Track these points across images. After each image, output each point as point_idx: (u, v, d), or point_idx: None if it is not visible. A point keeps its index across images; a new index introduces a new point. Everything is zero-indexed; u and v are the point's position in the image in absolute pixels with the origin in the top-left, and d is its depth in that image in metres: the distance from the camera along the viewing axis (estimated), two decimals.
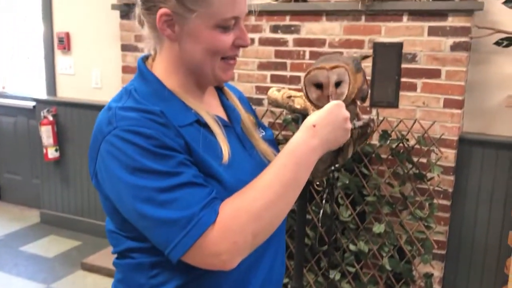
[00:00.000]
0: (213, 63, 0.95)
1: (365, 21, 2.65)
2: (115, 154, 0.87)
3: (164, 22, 0.93)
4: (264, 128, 1.16)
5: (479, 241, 2.71)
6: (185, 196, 0.85)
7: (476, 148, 2.64)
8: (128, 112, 0.90)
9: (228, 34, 0.94)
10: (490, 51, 2.56)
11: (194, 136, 0.92)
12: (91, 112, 3.71)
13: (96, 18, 3.64)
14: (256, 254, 0.95)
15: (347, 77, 1.01)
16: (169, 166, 0.86)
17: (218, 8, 0.91)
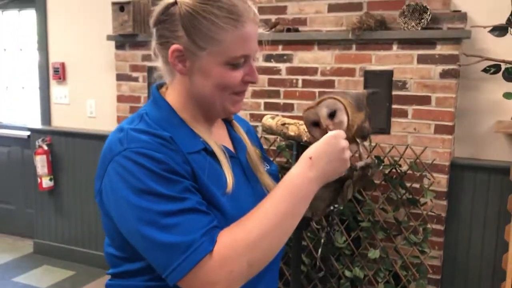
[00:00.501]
0: (222, 97, 0.99)
1: (356, 50, 2.72)
2: (123, 175, 0.90)
3: (176, 58, 0.96)
4: (269, 162, 1.19)
5: (474, 265, 2.73)
6: (188, 221, 0.88)
7: (467, 173, 2.68)
8: (139, 134, 0.93)
9: (238, 71, 0.97)
10: (478, 78, 2.63)
11: (201, 164, 0.95)
12: (86, 141, 3.73)
13: (91, 48, 3.70)
14: (252, 282, 0.96)
15: (340, 105, 1.02)
16: (175, 191, 0.88)
17: (229, 46, 0.94)
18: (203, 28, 0.94)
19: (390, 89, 2.67)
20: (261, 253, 0.90)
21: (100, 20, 3.56)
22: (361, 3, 2.74)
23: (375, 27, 2.63)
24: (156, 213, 0.87)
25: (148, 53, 3.39)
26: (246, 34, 0.95)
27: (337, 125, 1.01)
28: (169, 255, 0.87)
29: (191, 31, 0.94)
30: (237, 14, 0.94)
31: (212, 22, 0.93)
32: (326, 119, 1.01)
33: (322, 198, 1.07)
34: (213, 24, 0.93)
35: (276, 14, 2.93)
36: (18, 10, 4.17)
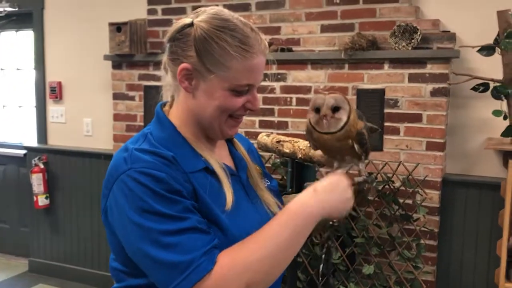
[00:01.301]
0: (221, 119, 1.03)
1: (348, 69, 2.78)
2: (127, 194, 0.94)
3: (184, 76, 1.01)
4: (269, 178, 1.23)
5: (467, 280, 2.76)
6: (188, 241, 0.91)
7: (459, 189, 2.73)
8: (143, 154, 0.96)
9: (241, 97, 1.02)
10: (468, 96, 2.69)
11: (202, 183, 0.99)
12: (82, 159, 3.76)
13: (88, 68, 3.74)
14: None
15: (347, 106, 1.05)
16: (176, 210, 0.92)
17: (235, 74, 0.99)
18: (214, 53, 0.98)
19: (382, 107, 2.73)
20: (260, 276, 0.93)
21: (97, 40, 3.62)
22: (353, 23, 2.80)
23: (367, 47, 2.69)
24: (157, 232, 0.90)
25: (145, 73, 3.46)
26: (254, 65, 1.00)
27: (334, 120, 1.05)
28: (170, 273, 0.90)
29: (202, 53, 0.98)
30: (248, 45, 0.99)
31: (223, 49, 0.98)
32: (327, 109, 1.05)
33: None
34: (224, 50, 0.98)
35: (271, 35, 2.99)
36: (16, 30, 4.22)
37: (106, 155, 3.64)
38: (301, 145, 1.82)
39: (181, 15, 3.21)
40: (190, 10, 3.21)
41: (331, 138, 1.06)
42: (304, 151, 1.78)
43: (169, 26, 3.40)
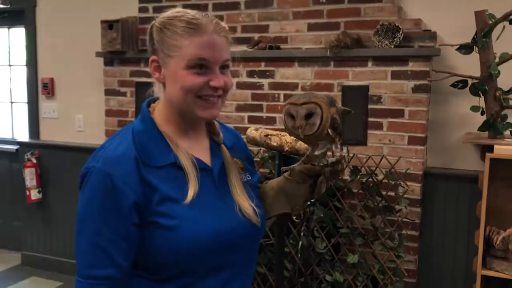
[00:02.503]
0: (188, 100, 1.09)
1: (334, 67, 2.89)
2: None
3: (154, 68, 1.13)
4: (252, 173, 1.27)
5: (447, 268, 2.88)
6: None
7: (439, 182, 2.85)
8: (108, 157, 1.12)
9: (201, 76, 1.08)
10: (448, 93, 2.80)
11: (167, 176, 1.08)
12: (74, 154, 3.83)
13: (80, 64, 3.82)
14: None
15: (318, 110, 1.12)
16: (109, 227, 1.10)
17: (186, 50, 1.07)
18: (166, 37, 1.09)
19: (366, 103, 2.84)
20: None
21: (89, 38, 3.69)
22: (338, 22, 2.91)
23: (351, 45, 2.80)
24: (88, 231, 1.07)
25: (136, 69, 3.54)
26: (204, 41, 1.07)
27: (309, 126, 1.12)
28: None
29: (159, 42, 1.10)
30: (196, 25, 1.08)
31: (172, 32, 1.08)
32: (301, 120, 1.12)
33: (299, 194, 1.19)
34: (174, 33, 1.08)
35: (259, 33, 3.09)
36: (8, 27, 4.27)
37: None
38: (288, 138, 1.91)
39: None
40: (181, 8, 3.29)
41: (308, 137, 1.14)
42: (290, 144, 1.88)
43: None
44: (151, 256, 1.08)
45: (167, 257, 1.06)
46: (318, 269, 2.79)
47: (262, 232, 1.22)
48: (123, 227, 1.05)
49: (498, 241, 2.47)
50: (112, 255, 1.04)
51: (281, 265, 2.44)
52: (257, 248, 1.26)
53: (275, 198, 1.22)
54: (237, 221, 1.13)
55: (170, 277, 1.08)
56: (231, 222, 1.12)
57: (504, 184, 2.62)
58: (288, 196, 1.21)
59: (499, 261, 2.50)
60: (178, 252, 1.06)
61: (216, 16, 1.14)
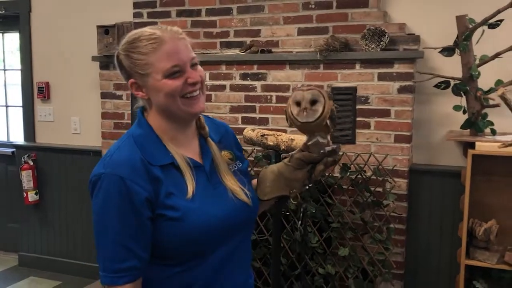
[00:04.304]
0: (176, 102, 1.21)
1: (323, 69, 3.01)
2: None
3: (135, 89, 1.25)
4: (241, 160, 1.40)
5: (432, 260, 3.03)
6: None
7: (425, 177, 2.99)
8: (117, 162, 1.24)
9: (178, 79, 1.19)
10: (431, 93, 2.94)
11: (167, 175, 1.21)
12: (70, 156, 3.92)
13: (75, 68, 3.90)
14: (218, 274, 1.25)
15: (322, 99, 1.21)
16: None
17: (157, 64, 1.18)
18: (135, 60, 1.20)
19: (354, 104, 2.97)
20: None
21: (83, 42, 3.78)
22: (327, 27, 3.04)
23: (340, 49, 2.92)
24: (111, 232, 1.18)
25: None
26: (168, 49, 1.18)
27: (312, 112, 1.22)
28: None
29: (131, 66, 1.22)
30: (154, 39, 1.18)
31: (138, 53, 1.19)
32: (307, 103, 1.22)
33: (296, 178, 1.30)
34: (140, 53, 1.19)
35: (251, 37, 3.21)
36: (2, 32, 4.34)
37: (95, 151, 3.80)
38: (284, 138, 2.03)
39: (166, 18, 3.42)
40: (175, 14, 3.41)
41: (310, 125, 1.23)
42: (286, 143, 2.00)
43: None
44: (161, 246, 1.19)
45: (175, 245, 1.19)
46: (311, 263, 2.91)
47: (255, 211, 1.35)
48: (139, 223, 1.16)
49: (481, 233, 2.58)
50: (132, 249, 1.16)
51: (277, 261, 2.55)
52: (252, 226, 1.40)
53: (275, 182, 1.33)
54: (231, 205, 1.26)
55: (178, 262, 1.21)
56: (227, 207, 1.25)
57: (485, 179, 2.76)
58: (286, 180, 1.31)
59: (482, 251, 2.61)
60: (185, 240, 1.18)
61: (209, 21, 1.26)
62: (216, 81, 3.28)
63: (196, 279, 1.23)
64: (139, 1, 3.50)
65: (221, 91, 3.27)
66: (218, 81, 3.28)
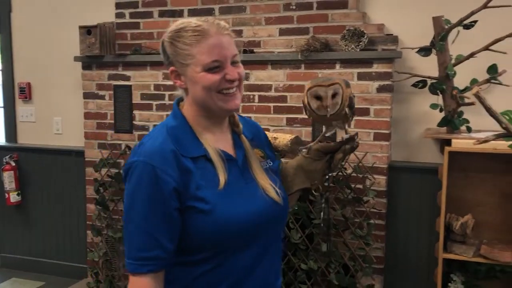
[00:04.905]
0: (212, 97, 1.22)
1: (305, 69, 3.07)
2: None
3: (174, 76, 1.27)
4: (272, 159, 1.40)
5: (411, 254, 3.11)
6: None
7: (403, 174, 3.06)
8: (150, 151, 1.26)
9: (217, 74, 1.21)
10: (409, 92, 3.01)
11: (200, 166, 1.22)
12: (53, 156, 3.92)
13: (57, 69, 3.90)
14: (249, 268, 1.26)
15: (341, 90, 1.25)
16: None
17: (199, 57, 1.20)
18: (178, 49, 1.23)
19: None
20: None
21: (65, 42, 3.78)
22: (307, 27, 3.10)
23: (320, 49, 2.98)
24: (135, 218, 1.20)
25: (114, 73, 3.66)
26: (211, 44, 1.20)
27: (333, 105, 1.26)
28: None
29: (173, 55, 1.24)
30: (200, 31, 1.20)
31: (182, 43, 1.22)
32: (329, 99, 1.26)
33: (316, 170, 1.32)
34: (184, 44, 1.21)
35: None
36: None
37: (77, 151, 3.81)
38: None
39: (148, 18, 3.44)
40: (157, 14, 3.44)
41: (330, 116, 1.27)
42: None
43: (137, 29, 3.67)
44: (190, 238, 1.20)
45: (204, 238, 1.20)
46: (293, 259, 2.97)
47: (285, 210, 1.34)
48: (166, 212, 1.17)
49: (457, 227, 2.65)
50: (158, 238, 1.17)
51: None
52: (282, 226, 1.40)
53: (295, 175, 1.35)
54: (262, 202, 1.26)
55: (207, 257, 1.22)
56: (258, 203, 1.26)
57: (462, 175, 2.84)
58: (306, 173, 1.34)
59: (459, 244, 2.68)
60: (214, 233, 1.19)
61: None
62: None
63: (225, 277, 1.23)
64: (121, 2, 3.51)
65: None
66: None
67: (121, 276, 3.54)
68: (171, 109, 1.34)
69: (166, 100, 3.40)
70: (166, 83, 3.40)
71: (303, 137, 3.09)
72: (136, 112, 3.51)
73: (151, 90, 3.45)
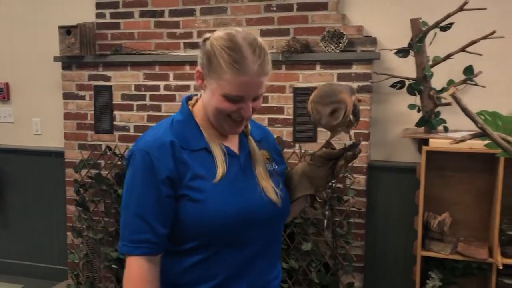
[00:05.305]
0: (220, 118, 1.25)
1: (286, 70, 3.10)
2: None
3: (198, 76, 1.27)
4: (278, 163, 1.41)
5: (390, 252, 3.16)
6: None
7: (382, 173, 3.11)
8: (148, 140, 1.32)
9: (234, 103, 1.22)
10: (388, 93, 3.06)
11: (199, 158, 1.26)
12: (33, 157, 3.88)
13: (36, 69, 3.86)
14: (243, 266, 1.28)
15: (343, 105, 1.25)
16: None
17: (226, 85, 1.20)
18: (213, 64, 1.21)
19: None
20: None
21: (44, 42, 3.74)
22: (288, 29, 3.13)
23: (301, 50, 3.01)
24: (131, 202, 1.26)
25: (94, 73, 3.64)
26: (243, 81, 1.19)
27: (333, 119, 1.27)
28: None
29: (208, 62, 1.22)
30: (240, 64, 1.18)
31: (219, 63, 1.19)
32: (326, 117, 1.27)
33: (320, 176, 1.33)
34: (220, 64, 1.19)
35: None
36: None
37: (57, 152, 3.78)
38: None
39: (129, 19, 3.44)
40: (138, 15, 3.43)
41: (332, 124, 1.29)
42: None
43: (117, 29, 3.66)
44: (181, 226, 1.24)
45: (194, 227, 1.23)
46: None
47: (284, 213, 1.35)
48: (159, 198, 1.21)
49: (435, 225, 2.71)
50: (150, 223, 1.21)
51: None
52: (280, 229, 1.39)
53: (300, 182, 1.37)
54: (260, 201, 1.28)
55: (195, 247, 1.24)
56: (254, 201, 1.27)
57: (439, 174, 2.90)
58: (310, 179, 1.35)
59: (436, 242, 2.74)
60: (204, 223, 1.22)
61: (172, 22, 1.29)
62: (180, 81, 3.32)
63: (217, 272, 1.25)
64: (101, 2, 3.50)
65: (186, 91, 3.31)
66: (182, 81, 3.32)
67: (102, 277, 3.52)
68: (152, 109, 1.37)
69: (147, 101, 3.40)
70: (147, 84, 3.40)
71: (284, 137, 3.12)
72: (117, 113, 3.50)
73: (132, 90, 3.44)
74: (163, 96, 3.37)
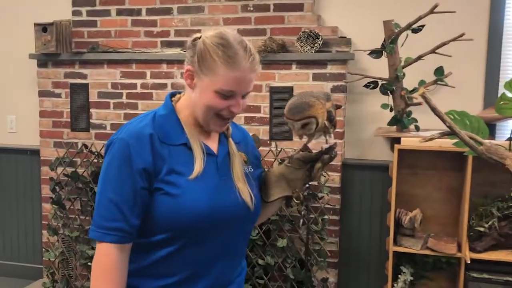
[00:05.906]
0: (208, 116, 1.28)
1: (262, 69, 3.11)
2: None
3: (188, 75, 1.29)
4: (255, 167, 1.43)
5: (364, 248, 3.23)
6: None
7: (356, 171, 3.18)
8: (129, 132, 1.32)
9: (225, 101, 1.26)
10: (361, 92, 3.13)
11: (177, 153, 1.28)
12: (7, 155, 3.84)
13: (10, 66, 3.82)
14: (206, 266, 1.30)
15: (313, 120, 1.29)
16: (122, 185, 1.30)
17: (220, 80, 1.23)
18: (207, 61, 1.24)
19: None
20: None
21: (19, 39, 3.71)
22: (265, 29, 3.17)
23: (277, 50, 3.06)
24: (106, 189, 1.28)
25: (70, 71, 3.62)
26: (236, 76, 1.23)
27: (306, 130, 1.32)
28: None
29: (200, 60, 1.25)
30: (234, 60, 1.23)
31: (213, 59, 1.23)
32: (298, 130, 1.33)
33: (297, 178, 1.37)
34: (214, 60, 1.23)
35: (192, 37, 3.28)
36: None
37: (32, 150, 3.75)
38: None
39: (106, 17, 3.43)
40: (115, 13, 3.43)
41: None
42: None
43: (94, 27, 3.66)
44: (152, 219, 1.26)
45: (166, 221, 1.25)
46: (251, 254, 3.03)
47: (254, 217, 1.38)
48: (133, 188, 1.23)
49: (406, 221, 2.75)
50: (123, 211, 1.23)
51: None
52: (248, 232, 1.42)
53: (277, 183, 1.40)
54: (233, 201, 1.30)
55: (163, 240, 1.26)
56: (227, 201, 1.30)
57: (410, 172, 2.96)
58: (288, 181, 1.39)
59: (408, 238, 2.79)
60: (176, 218, 1.24)
61: (149, 21, 1.32)
62: (157, 80, 3.34)
63: (182, 267, 1.28)
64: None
65: (163, 89, 3.33)
66: (159, 80, 3.34)
67: (78, 275, 3.52)
68: (129, 107, 1.40)
69: (124, 99, 3.40)
70: (124, 82, 3.40)
71: (260, 136, 3.17)
72: (93, 111, 3.49)
73: (108, 88, 3.44)
74: (140, 94, 3.38)
